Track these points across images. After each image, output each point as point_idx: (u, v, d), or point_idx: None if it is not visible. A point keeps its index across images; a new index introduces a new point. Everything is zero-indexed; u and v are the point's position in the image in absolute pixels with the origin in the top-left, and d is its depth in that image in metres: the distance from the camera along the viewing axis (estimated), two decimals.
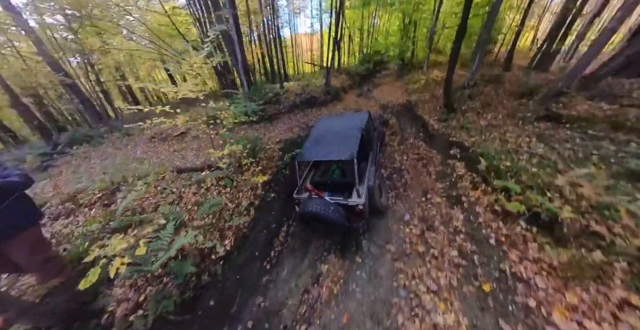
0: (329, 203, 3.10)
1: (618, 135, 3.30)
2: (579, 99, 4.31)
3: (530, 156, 3.55)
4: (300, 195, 3.48)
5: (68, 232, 3.34)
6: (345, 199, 3.27)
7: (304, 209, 3.11)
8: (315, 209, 2.97)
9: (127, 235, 2.65)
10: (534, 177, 3.09)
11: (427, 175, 4.59)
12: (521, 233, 2.71)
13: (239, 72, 7.22)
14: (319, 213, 2.94)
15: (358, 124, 3.91)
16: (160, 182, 4.37)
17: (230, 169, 4.32)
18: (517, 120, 4.84)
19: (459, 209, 3.49)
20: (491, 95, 6.98)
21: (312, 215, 3.02)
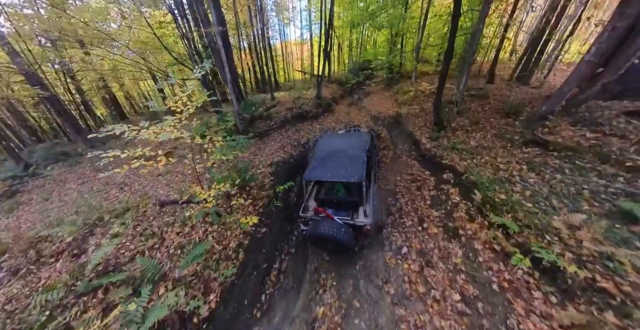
0: (340, 225, 3.08)
1: (605, 167, 3.31)
2: (563, 124, 4.36)
3: (523, 188, 3.50)
4: (305, 213, 3.45)
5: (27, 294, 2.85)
6: (352, 217, 3.26)
7: (315, 231, 3.06)
8: (327, 231, 2.95)
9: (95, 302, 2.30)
10: (531, 215, 3.02)
11: (422, 199, 4.49)
12: (524, 278, 2.60)
13: (229, 88, 6.91)
14: (331, 235, 2.92)
15: (363, 145, 3.99)
16: (140, 219, 3.97)
17: (218, 202, 4.03)
18: (506, 142, 4.85)
19: (456, 242, 3.39)
20: (478, 112, 7.04)
21: (324, 237, 2.98)
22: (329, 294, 3.11)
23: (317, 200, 3.62)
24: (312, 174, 3.35)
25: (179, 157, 6.78)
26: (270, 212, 4.14)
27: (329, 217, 3.16)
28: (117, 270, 3.00)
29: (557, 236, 2.68)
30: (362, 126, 8.53)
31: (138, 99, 22.19)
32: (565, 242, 2.61)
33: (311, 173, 3.37)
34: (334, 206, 3.53)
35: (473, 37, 7.05)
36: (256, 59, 17.07)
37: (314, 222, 3.17)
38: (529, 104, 6.19)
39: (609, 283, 2.17)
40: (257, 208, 4.09)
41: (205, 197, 2.88)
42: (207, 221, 3.67)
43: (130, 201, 4.38)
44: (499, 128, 5.58)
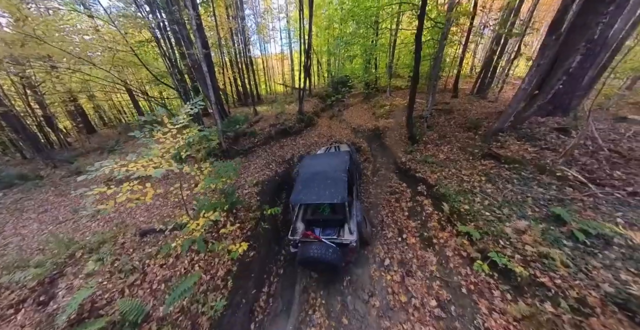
0: (329, 246, 3.25)
1: (542, 177, 3.98)
2: (511, 139, 5.13)
3: (482, 198, 4.05)
4: (294, 236, 3.59)
5: None
6: (338, 236, 3.51)
7: (304, 255, 3.21)
8: (316, 254, 3.13)
9: None
10: (489, 223, 3.53)
11: (400, 211, 4.91)
12: (486, 280, 3.03)
13: (213, 108, 7.00)
14: (320, 258, 3.09)
15: (343, 165, 4.23)
16: (119, 252, 3.78)
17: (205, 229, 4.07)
18: (468, 155, 5.52)
19: (431, 251, 3.78)
20: (445, 126, 7.86)
21: (314, 260, 3.14)
22: (318, 314, 3.24)
23: (305, 221, 3.81)
24: (298, 198, 3.55)
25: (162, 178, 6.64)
26: (258, 234, 4.25)
27: (317, 239, 3.37)
28: (94, 316, 2.71)
29: (508, 241, 3.17)
30: (343, 142, 8.99)
31: (109, 110, 20.96)
32: (514, 245, 3.10)
33: (297, 196, 3.56)
34: (321, 225, 3.75)
35: (435, 62, 8.00)
36: (238, 73, 17.32)
37: (303, 246, 3.32)
38: (485, 119, 7.08)
39: (546, 278, 2.64)
40: (245, 231, 4.16)
41: (193, 227, 2.96)
42: (193, 249, 3.64)
43: (106, 232, 4.20)
44: (462, 142, 6.31)
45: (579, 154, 4.14)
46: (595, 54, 4.99)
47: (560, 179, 3.83)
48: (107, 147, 10.84)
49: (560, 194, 3.56)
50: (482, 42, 17.55)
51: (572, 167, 3.90)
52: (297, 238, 3.52)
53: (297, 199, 3.55)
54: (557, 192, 3.66)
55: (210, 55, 9.84)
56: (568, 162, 4.04)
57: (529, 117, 5.40)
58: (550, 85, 5.01)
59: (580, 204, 3.31)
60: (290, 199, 3.62)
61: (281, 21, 22.31)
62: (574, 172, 3.76)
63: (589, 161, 3.91)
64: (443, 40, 7.85)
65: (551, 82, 5.13)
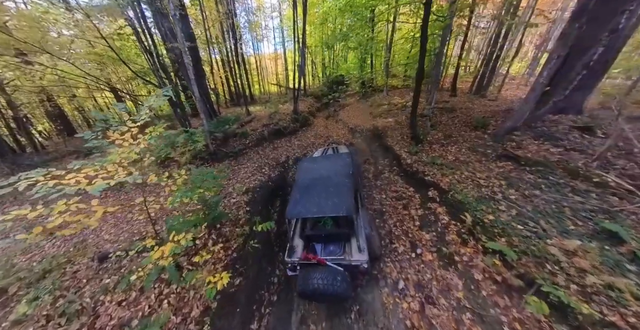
0: (336, 272, 2.54)
1: (576, 183, 3.41)
2: (527, 139, 4.57)
3: (508, 206, 3.44)
4: (292, 257, 2.83)
5: None
6: (343, 252, 2.85)
7: (306, 287, 2.48)
8: (321, 285, 2.39)
9: None
10: (525, 239, 2.90)
11: (410, 220, 4.25)
12: (534, 317, 2.36)
13: (198, 106, 6.16)
14: (327, 291, 2.37)
15: (346, 169, 3.54)
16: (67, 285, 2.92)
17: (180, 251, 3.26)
18: (480, 156, 4.93)
19: (454, 272, 3.12)
20: (449, 125, 7.30)
21: (319, 294, 2.41)
22: None
23: (304, 237, 3.14)
24: (295, 211, 2.86)
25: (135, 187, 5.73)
26: (246, 254, 3.46)
27: (321, 262, 2.67)
28: None
29: (557, 265, 2.54)
30: (341, 143, 8.30)
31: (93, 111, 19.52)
32: (567, 271, 2.47)
33: (294, 209, 2.88)
34: (323, 240, 3.09)
35: (437, 57, 7.43)
36: (230, 72, 16.38)
37: (303, 272, 2.63)
38: (492, 117, 6.54)
39: (616, 316, 2.02)
40: (230, 252, 3.36)
41: (157, 256, 2.19)
42: (163, 279, 2.84)
43: (59, 256, 3.33)
44: (471, 141, 5.74)
45: (612, 156, 3.59)
46: (615, 46, 4.50)
47: (599, 186, 3.25)
48: (84, 150, 9.75)
49: (605, 204, 2.98)
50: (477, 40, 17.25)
51: (610, 172, 3.33)
52: (296, 261, 2.82)
53: (294, 212, 2.87)
54: (599, 202, 3.07)
55: (196, 48, 8.94)
56: (603, 166, 3.47)
57: (544, 114, 4.87)
58: (569, 79, 4.46)
59: (634, 218, 2.73)
60: (286, 212, 2.93)
61: (274, 20, 21.46)
62: (614, 177, 3.19)
63: (627, 165, 3.36)
64: (446, 35, 7.30)
65: (568, 76, 4.60)
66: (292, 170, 6.86)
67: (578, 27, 4.11)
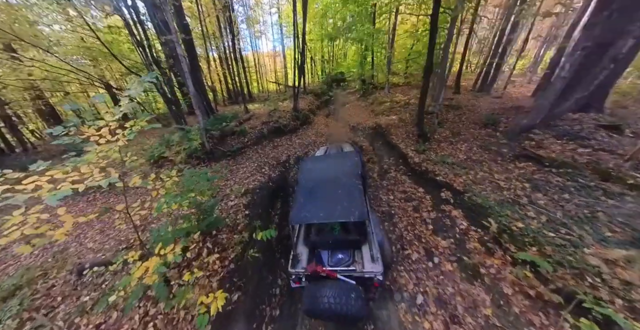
0: (349, 287, 2.17)
1: (609, 186, 3.07)
2: (548, 138, 4.23)
3: (537, 212, 3.09)
4: (296, 268, 2.49)
5: None
6: (353, 261, 2.52)
7: (314, 305, 2.10)
8: (332, 304, 2.04)
9: None
10: (559, 248, 2.56)
11: (423, 224, 3.88)
12: None
13: (194, 102, 5.68)
14: (340, 312, 2.00)
15: (355, 169, 3.17)
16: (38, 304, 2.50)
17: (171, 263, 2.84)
18: (495, 156, 4.58)
19: (480, 285, 2.76)
20: (456, 122, 6.94)
21: (329, 313, 2.04)
22: None
23: (309, 244, 2.79)
24: (301, 216, 2.51)
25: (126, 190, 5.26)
26: (245, 264, 3.05)
27: (332, 276, 2.30)
28: None
29: (598, 277, 2.20)
30: (345, 141, 7.90)
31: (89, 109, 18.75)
32: (610, 283, 2.13)
33: (299, 215, 2.52)
34: (330, 246, 2.75)
35: (444, 52, 7.06)
36: (227, 69, 15.83)
37: (311, 288, 2.26)
38: (502, 114, 6.19)
39: None
40: (227, 263, 2.96)
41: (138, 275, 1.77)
42: (150, 297, 2.43)
43: (36, 267, 2.90)
44: (481, 140, 5.38)
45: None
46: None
47: (633, 188, 2.92)
48: (74, 149, 9.22)
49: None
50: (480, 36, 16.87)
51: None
52: (301, 272, 2.46)
53: (299, 217, 2.52)
54: (635, 205, 2.74)
55: (192, 43, 8.42)
56: (636, 167, 3.13)
57: (564, 112, 4.51)
58: (593, 74, 4.10)
59: None
60: (290, 217, 2.58)
61: (272, 16, 20.85)
62: None
63: None
64: (453, 28, 6.92)
65: (593, 70, 4.23)
66: (293, 170, 6.46)
67: (607, 17, 3.74)
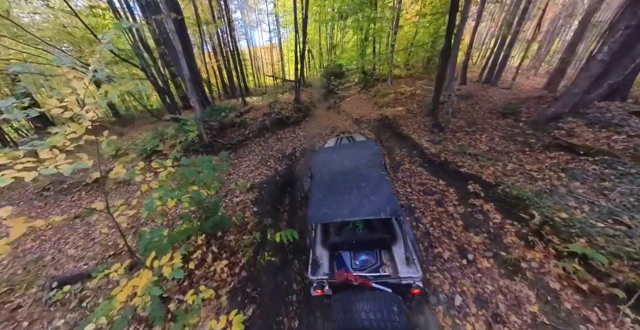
0: (389, 299, 1.85)
1: None
2: (579, 126, 4.01)
3: (579, 202, 2.87)
4: (317, 275, 2.13)
5: None
6: (383, 266, 2.22)
7: (349, 323, 1.76)
8: (373, 321, 1.70)
9: None
10: (612, 239, 2.34)
11: (450, 219, 3.63)
12: None
13: (188, 88, 5.22)
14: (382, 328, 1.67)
15: (377, 159, 2.89)
16: None
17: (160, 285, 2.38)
18: (522, 146, 4.35)
19: (522, 281, 2.54)
20: (470, 112, 6.70)
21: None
22: None
23: (328, 245, 2.46)
24: (321, 214, 2.18)
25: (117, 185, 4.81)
26: (258, 270, 2.65)
27: (366, 285, 1.92)
28: None
29: None
30: (356, 132, 7.59)
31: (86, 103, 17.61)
32: None
33: (318, 212, 2.19)
34: (352, 248, 2.44)
35: (457, 36, 6.78)
36: (223, 62, 15.17)
37: (343, 301, 1.89)
38: (522, 104, 5.99)
39: None
40: (238, 270, 2.54)
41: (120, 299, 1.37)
42: (141, 318, 1.97)
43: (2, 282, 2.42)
44: (502, 130, 5.16)
45: None
46: None
47: None
48: None
49: None
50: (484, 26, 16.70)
51: None
52: (325, 279, 2.09)
53: (320, 215, 2.19)
54: None
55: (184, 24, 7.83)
56: None
57: (595, 99, 4.30)
58: (631, 57, 3.85)
59: None
60: (309, 216, 2.24)
61: (269, 5, 20.09)
62: None
63: None
64: (466, 11, 6.64)
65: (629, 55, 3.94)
66: (300, 163, 6.13)
67: None
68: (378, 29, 13.04)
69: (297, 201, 4.71)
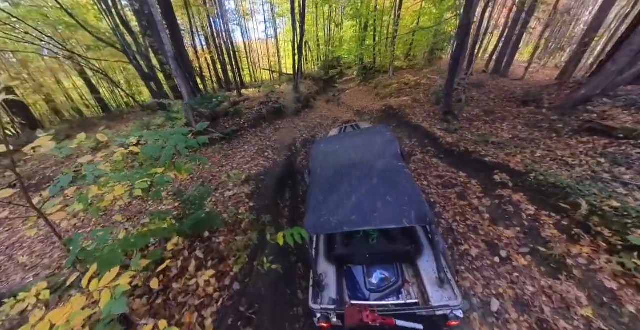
0: None
1: None
2: (614, 109, 3.70)
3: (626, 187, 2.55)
4: (319, 304, 1.65)
5: None
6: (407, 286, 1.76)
7: None
8: None
9: None
10: None
11: (475, 213, 3.28)
12: None
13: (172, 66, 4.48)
14: None
15: (392, 148, 2.33)
16: None
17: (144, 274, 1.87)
18: (549, 133, 4.01)
19: (569, 280, 2.21)
20: (485, 100, 6.38)
21: None
22: None
23: (333, 258, 1.98)
24: (321, 222, 1.66)
25: None
26: (256, 279, 2.15)
27: (389, 324, 1.45)
28: None
29: None
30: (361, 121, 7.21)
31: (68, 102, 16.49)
32: None
33: (319, 219, 1.68)
34: (364, 261, 1.98)
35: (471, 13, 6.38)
36: (217, 54, 14.56)
37: None
38: (543, 91, 5.67)
39: None
40: (229, 282, 2.05)
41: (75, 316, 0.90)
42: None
43: None
44: (524, 117, 4.83)
45: None
46: None
47: None
48: None
49: None
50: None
51: None
52: (332, 309, 1.62)
53: (321, 224, 1.66)
54: None
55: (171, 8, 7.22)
56: None
57: (626, 80, 3.99)
58: None
59: None
60: (306, 224, 1.70)
61: None
62: None
63: None
64: None
65: None
66: (301, 154, 5.73)
67: None
68: (378, 16, 12.61)
69: (299, 195, 4.33)
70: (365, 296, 1.82)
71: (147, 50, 6.69)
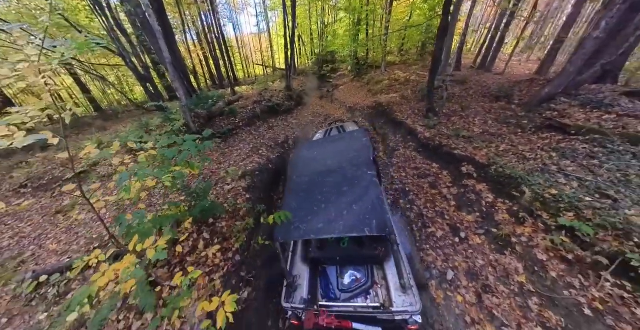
0: None
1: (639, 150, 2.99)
2: (571, 107, 4.08)
3: (569, 178, 2.97)
4: (291, 302, 1.81)
5: None
6: (375, 287, 1.89)
7: None
8: None
9: None
10: (599, 212, 2.44)
11: (443, 200, 3.71)
12: (617, 294, 2.01)
13: (170, 72, 4.85)
14: None
15: (365, 155, 2.43)
16: None
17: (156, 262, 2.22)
18: (515, 128, 4.41)
19: (511, 254, 2.66)
20: (464, 96, 6.71)
21: None
22: None
23: (308, 260, 2.15)
24: (290, 230, 1.80)
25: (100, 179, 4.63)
26: (253, 254, 2.66)
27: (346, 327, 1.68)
28: None
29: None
30: (347, 121, 7.52)
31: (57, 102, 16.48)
32: None
33: (288, 227, 1.81)
34: (337, 262, 2.14)
35: (453, 15, 6.63)
36: (209, 49, 14.49)
37: None
38: (514, 87, 6.04)
39: None
40: (231, 255, 2.55)
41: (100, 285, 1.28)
42: (131, 306, 1.90)
43: None
44: (496, 113, 5.20)
45: None
46: None
47: None
48: None
49: None
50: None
51: None
52: (301, 308, 1.76)
53: (288, 232, 1.80)
54: None
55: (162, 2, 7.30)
56: None
57: (587, 80, 4.35)
58: (625, 35, 3.87)
59: None
60: (275, 233, 1.83)
61: None
62: None
63: None
64: None
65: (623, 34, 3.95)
66: (292, 152, 6.07)
67: None
68: (371, 10, 12.63)
69: None
70: (337, 296, 1.92)
71: (143, 51, 6.83)
